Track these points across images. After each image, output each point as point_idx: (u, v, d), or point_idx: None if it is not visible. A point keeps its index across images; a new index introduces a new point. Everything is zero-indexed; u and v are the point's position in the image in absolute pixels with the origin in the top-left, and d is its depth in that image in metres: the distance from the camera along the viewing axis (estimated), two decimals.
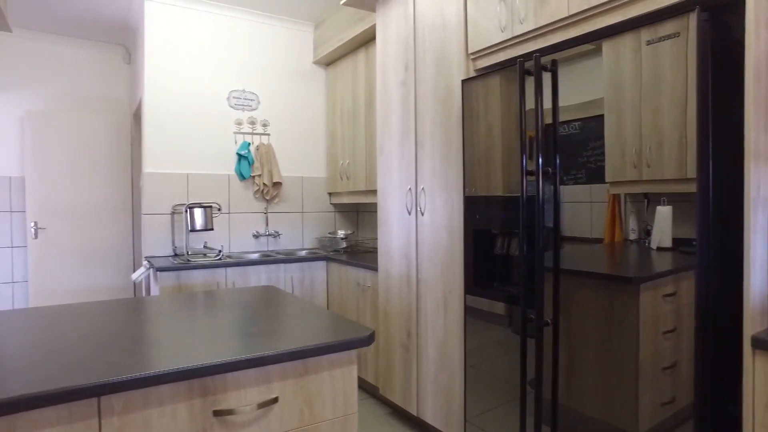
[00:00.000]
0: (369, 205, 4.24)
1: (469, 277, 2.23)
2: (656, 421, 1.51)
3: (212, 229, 3.45)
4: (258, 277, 3.38)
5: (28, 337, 1.30)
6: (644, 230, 1.56)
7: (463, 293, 2.27)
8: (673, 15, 1.44)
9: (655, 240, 1.53)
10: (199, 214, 3.39)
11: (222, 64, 3.81)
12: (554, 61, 1.78)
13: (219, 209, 3.78)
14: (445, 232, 2.38)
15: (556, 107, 1.78)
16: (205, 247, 3.68)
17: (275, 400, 1.19)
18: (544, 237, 1.82)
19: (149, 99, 3.55)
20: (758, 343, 1.29)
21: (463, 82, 2.21)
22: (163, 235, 3.58)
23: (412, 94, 2.60)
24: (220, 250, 3.47)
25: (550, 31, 1.89)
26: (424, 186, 2.52)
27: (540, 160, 1.79)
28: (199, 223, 3.39)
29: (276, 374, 1.19)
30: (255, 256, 3.58)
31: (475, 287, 2.19)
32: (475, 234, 2.20)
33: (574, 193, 1.76)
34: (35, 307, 1.68)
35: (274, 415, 1.20)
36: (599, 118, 1.68)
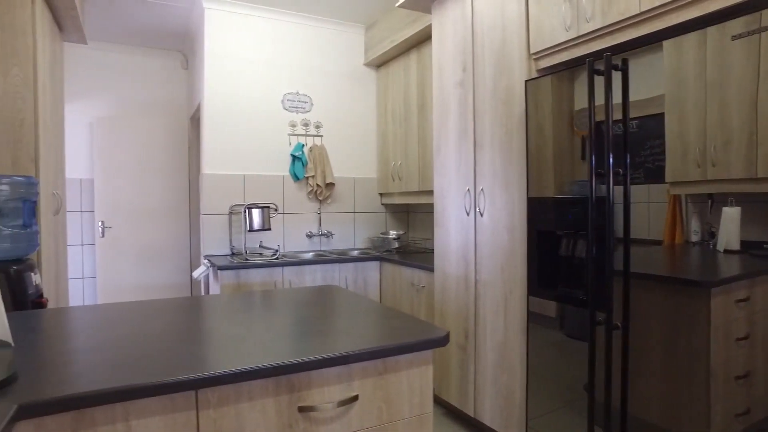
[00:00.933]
0: (420, 206, 4.25)
1: (532, 279, 2.21)
2: None
3: (269, 229, 3.55)
4: (313, 276, 3.45)
5: (119, 330, 1.38)
6: (708, 232, 1.51)
7: (525, 294, 2.25)
8: (757, 8, 1.38)
9: (722, 242, 1.47)
10: (257, 214, 3.49)
11: (277, 68, 3.91)
12: (625, 60, 1.75)
13: (276, 210, 3.88)
14: (506, 233, 2.37)
15: (627, 107, 1.74)
16: (261, 246, 3.79)
17: (355, 398, 1.22)
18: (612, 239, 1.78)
19: (208, 103, 3.68)
20: None
21: (526, 83, 2.19)
22: (220, 234, 3.71)
23: (471, 95, 2.60)
24: (276, 250, 3.56)
25: (619, 29, 1.85)
26: (484, 187, 2.51)
27: (611, 161, 1.76)
28: (257, 223, 3.49)
29: (357, 373, 1.22)
30: (309, 256, 3.65)
31: (539, 288, 2.17)
32: (539, 235, 2.18)
33: (632, 194, 1.73)
34: (118, 303, 1.78)
35: (354, 413, 1.23)
36: (658, 116, 1.63)
